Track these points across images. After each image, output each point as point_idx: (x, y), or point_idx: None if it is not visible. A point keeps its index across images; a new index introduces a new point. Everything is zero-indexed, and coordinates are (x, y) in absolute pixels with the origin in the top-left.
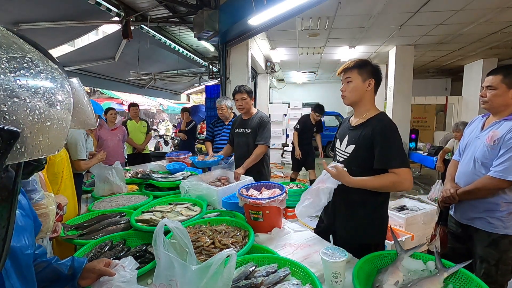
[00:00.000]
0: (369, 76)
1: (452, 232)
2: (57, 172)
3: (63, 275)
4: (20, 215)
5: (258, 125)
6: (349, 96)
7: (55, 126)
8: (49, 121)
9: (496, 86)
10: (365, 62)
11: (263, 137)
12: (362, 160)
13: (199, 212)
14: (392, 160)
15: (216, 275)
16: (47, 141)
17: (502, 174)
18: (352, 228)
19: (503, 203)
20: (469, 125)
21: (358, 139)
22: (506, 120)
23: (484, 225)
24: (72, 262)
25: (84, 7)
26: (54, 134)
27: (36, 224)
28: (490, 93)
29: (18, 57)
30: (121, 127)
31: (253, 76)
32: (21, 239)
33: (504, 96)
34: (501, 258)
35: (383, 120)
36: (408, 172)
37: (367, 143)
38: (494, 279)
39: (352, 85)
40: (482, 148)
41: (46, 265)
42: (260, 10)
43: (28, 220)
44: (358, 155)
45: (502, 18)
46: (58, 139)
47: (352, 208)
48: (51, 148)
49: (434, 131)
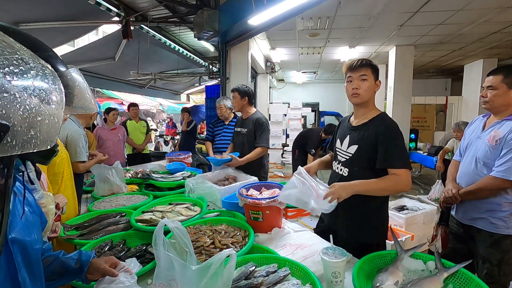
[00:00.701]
0: (377, 77)
1: (453, 232)
2: (57, 172)
3: (70, 268)
4: (28, 211)
5: (254, 126)
6: (363, 95)
7: (46, 121)
8: (40, 116)
9: (496, 86)
10: (372, 63)
11: (262, 139)
12: (365, 161)
13: (199, 212)
14: (396, 160)
15: (216, 275)
16: (38, 135)
17: (504, 174)
18: (352, 228)
19: (505, 203)
20: (470, 126)
21: (361, 140)
22: (507, 120)
23: (486, 226)
24: (79, 256)
25: (84, 7)
26: (45, 128)
27: (42, 220)
28: (491, 93)
29: (8, 54)
30: (120, 127)
31: (253, 76)
32: (31, 234)
33: (504, 96)
34: (503, 258)
35: (386, 121)
36: (408, 173)
37: (370, 144)
38: (496, 279)
39: (367, 84)
40: (484, 148)
41: (53, 259)
42: (260, 10)
43: (35, 216)
44: (361, 155)
45: (502, 18)
46: (50, 133)
47: (352, 208)
48: (43, 143)
49: (434, 131)
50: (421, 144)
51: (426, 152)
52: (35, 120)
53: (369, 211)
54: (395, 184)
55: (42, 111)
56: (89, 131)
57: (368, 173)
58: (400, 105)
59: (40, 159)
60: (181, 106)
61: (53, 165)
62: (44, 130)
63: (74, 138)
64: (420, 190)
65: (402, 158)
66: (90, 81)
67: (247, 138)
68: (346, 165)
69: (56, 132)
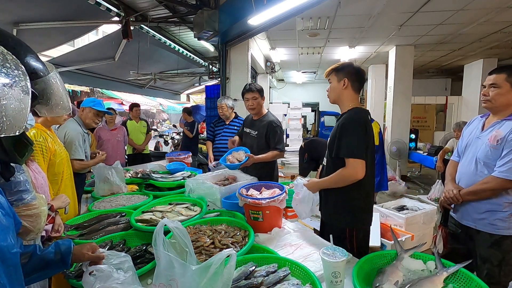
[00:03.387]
0: (344, 76)
1: (451, 232)
2: (57, 172)
3: (51, 260)
4: (1, 214)
5: (267, 131)
6: (329, 95)
7: (12, 105)
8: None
9: (500, 84)
10: (342, 65)
11: (280, 144)
12: (333, 151)
13: (199, 212)
14: (340, 149)
15: (216, 275)
16: (4, 120)
17: (507, 174)
18: (328, 213)
19: (505, 203)
20: (468, 126)
21: (333, 132)
22: (508, 120)
23: (486, 226)
24: (57, 248)
25: (84, 7)
26: (11, 113)
27: (16, 221)
28: (493, 92)
29: None
30: (121, 127)
31: (253, 76)
32: (7, 238)
33: (507, 95)
34: (504, 259)
35: (350, 114)
36: (356, 161)
37: (334, 135)
38: (497, 280)
39: (331, 86)
40: (484, 149)
41: (30, 256)
42: (260, 10)
43: (9, 218)
44: (330, 146)
45: (502, 18)
46: (17, 119)
47: (326, 194)
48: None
49: (434, 131)
50: (421, 144)
51: (426, 152)
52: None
53: (339, 196)
54: (342, 175)
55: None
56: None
57: (337, 161)
58: (400, 105)
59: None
60: (181, 106)
61: (53, 165)
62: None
63: (71, 136)
64: (420, 190)
65: (348, 147)
66: (90, 81)
67: (257, 142)
68: (326, 155)
69: (24, 118)
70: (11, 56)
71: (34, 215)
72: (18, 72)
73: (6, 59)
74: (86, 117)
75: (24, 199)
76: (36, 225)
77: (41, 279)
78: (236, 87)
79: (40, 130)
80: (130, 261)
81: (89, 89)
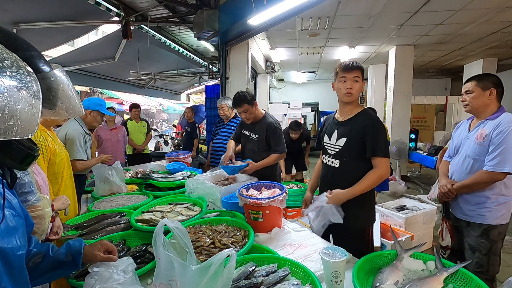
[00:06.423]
0: (363, 78)
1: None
2: (57, 172)
3: (62, 261)
4: (11, 215)
5: (267, 133)
6: (355, 95)
7: (25, 110)
8: (20, 105)
9: (472, 90)
10: (362, 66)
11: (279, 146)
12: (354, 151)
13: (199, 212)
14: (379, 151)
15: (216, 275)
16: (19, 123)
17: (496, 167)
18: (347, 216)
19: (492, 196)
20: (456, 129)
21: (350, 133)
22: (490, 120)
23: (476, 217)
24: (68, 248)
25: (84, 7)
26: (25, 117)
27: (27, 223)
28: (469, 97)
29: None
30: (121, 127)
31: (253, 76)
32: (13, 240)
33: (481, 98)
34: (491, 248)
35: (371, 115)
36: (388, 161)
37: (358, 136)
38: (485, 269)
39: (358, 85)
40: (472, 146)
41: (42, 257)
42: (260, 10)
43: (19, 219)
44: (350, 146)
45: (502, 18)
46: (29, 123)
47: None
48: (24, 131)
49: (434, 131)
50: (421, 144)
51: (426, 152)
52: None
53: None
54: (376, 177)
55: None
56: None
57: (358, 162)
58: (400, 105)
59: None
60: (181, 106)
61: (53, 165)
62: (23, 119)
63: (72, 136)
64: (420, 190)
65: (384, 148)
66: (90, 81)
67: (257, 146)
68: (337, 157)
69: (35, 122)
70: (22, 62)
71: (39, 216)
72: (30, 78)
73: (19, 66)
74: (93, 120)
75: (29, 201)
76: (41, 227)
77: (54, 279)
78: (236, 87)
79: (40, 129)
80: (133, 264)
81: (89, 89)
